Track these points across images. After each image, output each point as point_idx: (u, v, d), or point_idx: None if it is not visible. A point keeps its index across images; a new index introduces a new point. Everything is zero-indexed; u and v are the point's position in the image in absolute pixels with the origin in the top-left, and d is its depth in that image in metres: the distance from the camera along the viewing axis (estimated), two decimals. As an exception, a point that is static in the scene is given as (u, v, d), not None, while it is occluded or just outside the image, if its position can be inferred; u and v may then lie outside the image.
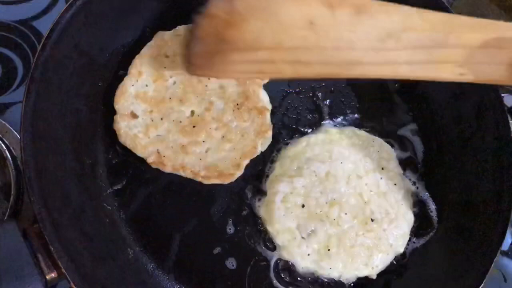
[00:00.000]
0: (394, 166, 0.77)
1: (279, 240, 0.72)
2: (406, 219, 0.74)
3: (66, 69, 0.71)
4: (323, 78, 0.62)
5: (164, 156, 0.72)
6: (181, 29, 0.79)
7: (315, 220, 0.71)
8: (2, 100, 0.91)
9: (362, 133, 0.79)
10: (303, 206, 0.72)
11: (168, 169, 0.72)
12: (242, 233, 0.74)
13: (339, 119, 0.82)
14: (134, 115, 0.74)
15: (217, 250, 0.73)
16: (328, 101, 0.83)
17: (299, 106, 0.82)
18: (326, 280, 0.72)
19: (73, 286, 0.60)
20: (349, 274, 0.71)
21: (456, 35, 0.58)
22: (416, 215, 0.77)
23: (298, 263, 0.71)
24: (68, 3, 0.70)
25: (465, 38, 0.58)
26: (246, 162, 0.74)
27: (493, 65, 0.60)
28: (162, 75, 0.75)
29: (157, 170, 0.75)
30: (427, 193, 0.79)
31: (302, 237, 0.71)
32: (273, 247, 0.73)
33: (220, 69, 0.61)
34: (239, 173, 0.74)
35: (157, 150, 0.72)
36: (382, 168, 0.76)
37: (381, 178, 0.75)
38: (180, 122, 0.74)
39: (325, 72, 0.59)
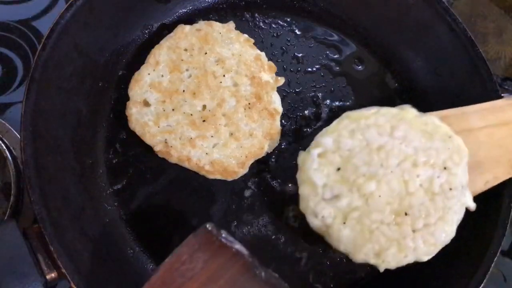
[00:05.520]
0: (460, 172, 0.67)
1: (300, 189, 0.68)
2: (445, 231, 0.65)
3: (66, 69, 0.71)
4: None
5: (171, 147, 0.73)
6: (202, 23, 0.80)
7: (344, 187, 0.66)
8: (2, 100, 0.91)
9: (442, 125, 0.69)
10: (338, 169, 0.66)
11: (173, 159, 0.73)
12: (242, 233, 0.74)
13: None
14: (146, 103, 0.74)
15: (217, 250, 0.73)
16: (328, 101, 0.83)
17: (299, 106, 0.82)
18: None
19: (73, 286, 0.60)
20: (356, 256, 0.65)
21: None
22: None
23: (310, 220, 0.67)
24: (68, 3, 0.70)
25: None
26: (251, 161, 0.75)
27: None
28: (178, 67, 0.76)
29: (158, 170, 0.75)
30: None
31: (324, 198, 0.66)
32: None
33: None
34: (243, 171, 0.74)
35: (165, 140, 0.73)
36: (445, 168, 0.66)
37: (438, 177, 0.66)
38: (191, 115, 0.74)
39: None
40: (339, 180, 0.66)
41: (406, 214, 0.64)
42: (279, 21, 0.88)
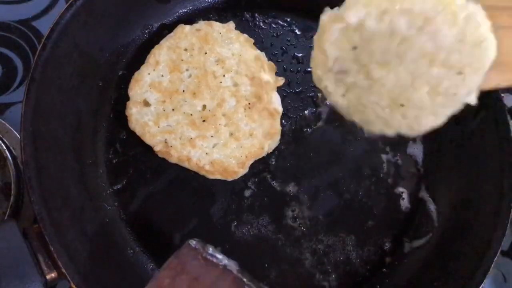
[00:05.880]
0: (474, 81, 0.62)
1: (314, 52, 0.65)
2: (433, 122, 0.63)
3: (66, 69, 0.71)
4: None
5: (171, 147, 0.73)
6: (202, 23, 0.80)
7: (354, 66, 0.63)
8: (2, 100, 0.91)
9: (483, 24, 0.61)
10: (354, 48, 0.62)
11: (173, 159, 0.73)
12: (242, 233, 0.74)
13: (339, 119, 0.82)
14: (146, 103, 0.75)
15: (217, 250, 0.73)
16: (328, 101, 0.83)
17: (299, 106, 0.82)
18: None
19: (73, 286, 0.60)
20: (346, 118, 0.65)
21: None
22: (415, 215, 0.77)
23: (315, 79, 0.65)
24: (68, 3, 0.70)
25: None
26: (251, 161, 0.75)
27: None
28: (178, 67, 0.76)
29: (158, 170, 0.75)
30: (427, 193, 0.79)
31: (332, 70, 0.64)
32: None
33: None
34: (243, 171, 0.74)
35: (165, 140, 0.73)
36: (460, 73, 0.61)
37: (449, 80, 0.61)
38: (191, 115, 0.74)
39: None
40: (352, 59, 0.63)
41: (402, 105, 0.63)
42: (279, 21, 0.88)
